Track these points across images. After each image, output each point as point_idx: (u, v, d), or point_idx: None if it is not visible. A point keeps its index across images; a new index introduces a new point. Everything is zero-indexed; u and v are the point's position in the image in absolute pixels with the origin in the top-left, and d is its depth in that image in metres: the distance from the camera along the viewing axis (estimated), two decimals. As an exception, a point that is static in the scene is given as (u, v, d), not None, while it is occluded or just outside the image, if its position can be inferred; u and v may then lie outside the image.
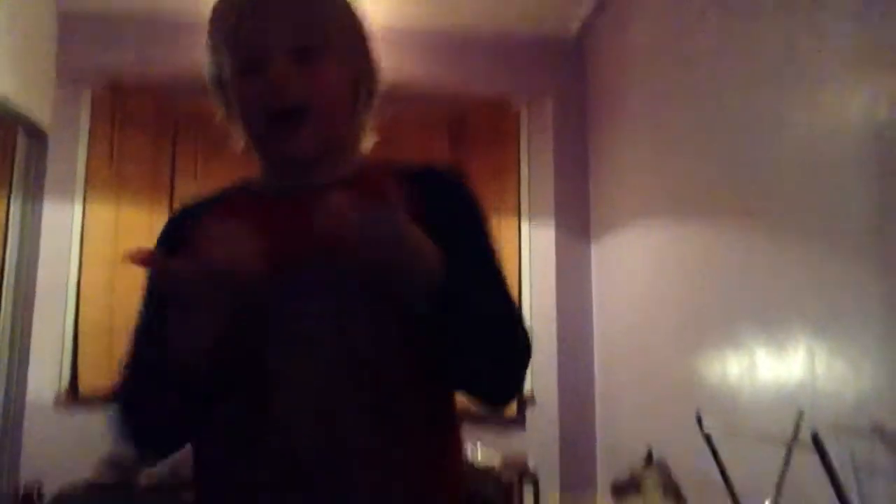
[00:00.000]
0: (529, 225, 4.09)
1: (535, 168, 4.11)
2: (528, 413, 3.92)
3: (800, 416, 1.97)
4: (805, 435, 1.82)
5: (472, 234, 0.93)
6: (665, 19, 3.07)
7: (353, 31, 0.94)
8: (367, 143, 0.99)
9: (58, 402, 3.63)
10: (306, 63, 0.87)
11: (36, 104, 3.55)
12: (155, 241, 1.00)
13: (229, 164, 4.39)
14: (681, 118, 2.89)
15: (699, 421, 2.13)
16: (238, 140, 1.00)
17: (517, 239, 4.12)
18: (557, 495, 3.69)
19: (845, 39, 1.88)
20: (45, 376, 3.61)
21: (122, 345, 3.96)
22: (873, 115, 1.76)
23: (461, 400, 0.92)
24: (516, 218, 4.12)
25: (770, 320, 2.20)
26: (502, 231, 4.16)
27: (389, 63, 0.99)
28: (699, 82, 2.73)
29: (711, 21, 2.63)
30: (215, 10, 0.91)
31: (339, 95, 0.91)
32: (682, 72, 2.87)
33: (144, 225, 4.08)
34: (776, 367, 2.17)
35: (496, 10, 3.81)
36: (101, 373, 3.80)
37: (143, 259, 0.77)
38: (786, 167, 2.13)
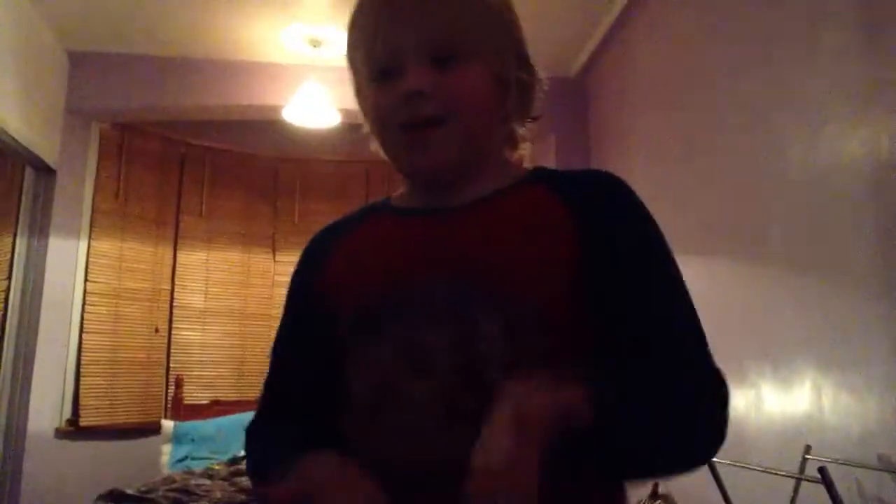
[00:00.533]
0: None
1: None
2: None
3: (806, 449, 1.96)
4: (812, 468, 1.81)
5: (649, 264, 0.82)
6: (665, 58, 3.11)
7: (497, 25, 0.85)
8: (522, 149, 0.93)
9: (59, 433, 3.63)
10: (445, 69, 0.80)
11: (44, 140, 3.59)
12: (296, 263, 0.96)
13: (234, 201, 4.46)
14: (682, 155, 2.91)
15: (705, 455, 2.11)
16: (381, 153, 0.90)
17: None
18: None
19: (846, 76, 1.90)
20: (46, 408, 3.60)
21: (123, 378, 3.97)
22: (875, 151, 1.78)
23: None
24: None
25: (775, 354, 2.19)
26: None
27: None
28: (699, 120, 2.76)
29: (712, 60, 2.67)
30: (352, 20, 0.87)
31: (482, 101, 0.83)
32: (683, 109, 2.91)
33: (149, 260, 4.11)
34: (782, 401, 2.16)
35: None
36: (103, 405, 3.81)
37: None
38: (788, 203, 2.14)
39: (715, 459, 2.12)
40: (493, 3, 0.86)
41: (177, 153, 4.34)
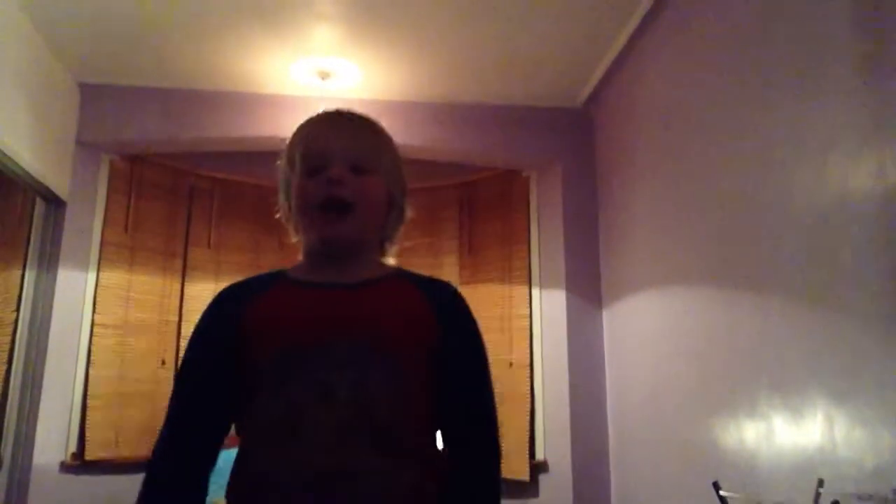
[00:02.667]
0: (540, 290, 4.10)
1: (545, 233, 4.14)
2: (542, 479, 3.85)
3: (820, 483, 1.93)
4: (826, 502, 1.78)
5: (472, 355, 1.22)
6: (671, 90, 3.13)
7: (391, 160, 1.24)
8: (391, 255, 1.28)
9: (64, 466, 3.61)
10: (357, 175, 1.16)
11: (55, 172, 3.62)
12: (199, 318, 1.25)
13: (241, 233, 4.47)
14: (689, 185, 2.91)
15: (716, 487, 2.09)
16: (292, 233, 1.27)
17: (528, 304, 4.12)
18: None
19: (850, 106, 1.91)
20: (52, 440, 3.59)
21: (130, 411, 3.98)
22: (881, 180, 1.77)
23: None
24: (527, 283, 4.13)
25: (787, 387, 2.17)
26: (513, 297, 4.17)
27: (404, 132, 1.21)
28: (706, 150, 2.77)
29: (717, 91, 2.68)
30: (302, 126, 1.26)
31: (377, 203, 1.19)
32: (689, 139, 2.91)
33: (157, 292, 4.12)
34: (794, 433, 2.13)
35: (506, 86, 3.91)
36: (109, 438, 3.79)
37: None
38: (796, 234, 2.13)
39: (727, 494, 2.09)
40: (395, 150, 1.27)
41: (186, 185, 4.37)
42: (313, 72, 3.72)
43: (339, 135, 1.21)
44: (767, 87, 2.31)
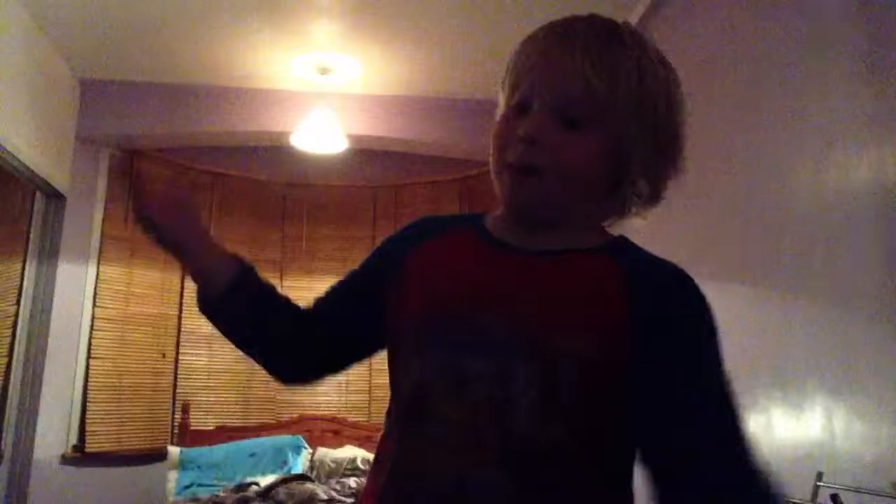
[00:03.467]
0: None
1: (546, 228, 4.13)
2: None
3: (818, 476, 1.93)
4: (824, 495, 1.79)
5: (698, 373, 0.82)
6: (672, 83, 3.12)
7: (638, 106, 0.85)
8: (633, 216, 0.96)
9: (65, 458, 3.63)
10: (565, 129, 0.83)
11: (55, 168, 3.62)
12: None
13: (242, 226, 4.47)
14: (689, 182, 2.91)
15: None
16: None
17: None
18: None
19: (852, 100, 1.91)
20: (53, 433, 3.61)
21: (131, 404, 3.98)
22: (882, 174, 1.78)
23: None
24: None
25: (786, 381, 2.17)
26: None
27: (405, 127, 0.99)
28: (705, 145, 2.76)
29: (716, 85, 2.68)
30: (523, 45, 0.90)
31: (586, 171, 0.85)
32: (690, 136, 2.91)
33: (157, 286, 4.12)
34: (793, 427, 2.14)
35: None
36: (109, 431, 3.80)
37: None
38: (797, 228, 2.14)
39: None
40: (648, 83, 0.86)
41: (185, 179, 4.37)
42: (313, 67, 3.71)
43: (556, 61, 0.84)
44: (767, 81, 2.31)
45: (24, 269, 3.68)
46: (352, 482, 3.44)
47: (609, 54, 0.84)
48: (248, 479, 3.42)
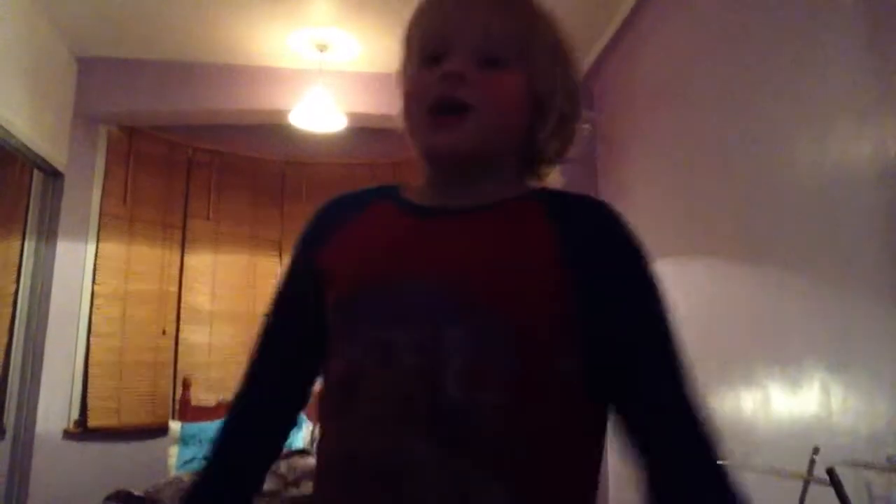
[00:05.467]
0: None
1: (545, 206, 4.13)
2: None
3: (815, 450, 1.95)
4: (820, 469, 1.81)
5: (640, 303, 0.81)
6: (671, 61, 3.11)
7: (546, 47, 0.88)
8: (546, 174, 0.94)
9: (67, 434, 3.66)
10: (486, 68, 0.83)
11: (53, 145, 3.61)
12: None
13: (241, 204, 4.47)
14: (689, 157, 2.91)
15: (713, 457, 2.11)
16: (409, 143, 0.90)
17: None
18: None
19: (852, 80, 1.90)
20: (55, 409, 3.63)
21: (132, 380, 3.98)
22: (882, 152, 1.78)
23: None
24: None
25: (784, 355, 2.19)
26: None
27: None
28: (706, 123, 2.76)
29: (718, 63, 2.67)
30: (418, 5, 0.90)
31: (510, 107, 0.85)
32: (689, 112, 2.91)
33: (156, 262, 4.13)
34: (790, 402, 2.16)
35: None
36: (111, 406, 3.83)
37: None
38: (797, 205, 2.14)
39: (723, 461, 2.11)
40: (547, 28, 0.89)
41: (184, 157, 4.36)
42: (311, 43, 3.69)
43: (469, 9, 0.86)
44: (768, 58, 2.31)
45: (23, 247, 3.68)
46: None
47: (518, 2, 0.88)
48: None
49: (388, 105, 1.01)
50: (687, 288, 2.90)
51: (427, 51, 0.86)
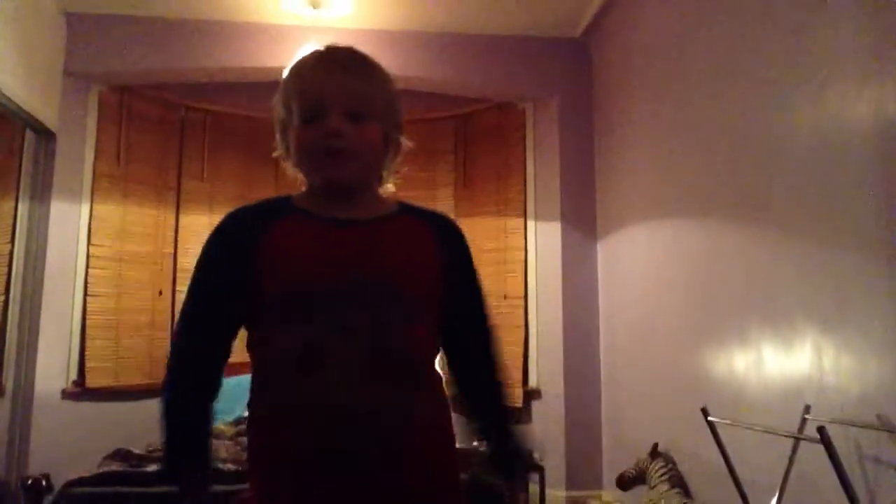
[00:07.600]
0: (535, 223, 4.11)
1: (541, 166, 4.12)
2: (534, 406, 3.94)
3: (806, 409, 1.98)
4: (811, 428, 1.83)
5: (473, 281, 1.31)
6: (670, 19, 3.07)
7: (387, 101, 1.23)
8: (389, 187, 1.30)
9: (66, 394, 3.69)
10: (354, 122, 1.16)
11: (44, 104, 3.57)
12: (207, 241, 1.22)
13: (234, 165, 4.43)
14: (686, 116, 2.90)
15: (705, 413, 2.14)
16: (290, 170, 1.28)
17: (523, 237, 4.13)
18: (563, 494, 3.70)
19: (851, 37, 1.88)
20: (53, 369, 3.65)
21: (129, 340, 3.98)
22: (880, 112, 1.77)
23: None
24: (522, 216, 4.14)
25: (777, 316, 2.20)
26: (508, 229, 4.18)
27: (398, 62, 1.12)
28: (703, 82, 2.74)
29: (717, 21, 2.64)
30: (295, 70, 1.23)
31: (374, 148, 1.20)
32: (687, 71, 2.88)
33: (150, 223, 4.11)
34: (783, 361, 2.17)
35: (503, 14, 3.83)
36: (108, 367, 3.85)
37: None
38: (792, 164, 2.14)
39: (714, 419, 2.14)
40: (390, 87, 1.25)
41: (177, 116, 4.31)
42: (305, 0, 3.63)
43: (335, 80, 1.19)
44: (766, 15, 2.28)
45: (16, 207, 3.65)
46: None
47: (370, 70, 1.22)
48: (247, 413, 3.47)
49: (381, 62, 1.25)
50: (681, 248, 2.91)
51: (308, 112, 1.17)
